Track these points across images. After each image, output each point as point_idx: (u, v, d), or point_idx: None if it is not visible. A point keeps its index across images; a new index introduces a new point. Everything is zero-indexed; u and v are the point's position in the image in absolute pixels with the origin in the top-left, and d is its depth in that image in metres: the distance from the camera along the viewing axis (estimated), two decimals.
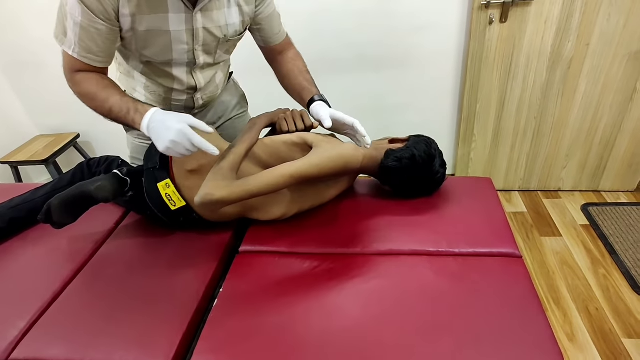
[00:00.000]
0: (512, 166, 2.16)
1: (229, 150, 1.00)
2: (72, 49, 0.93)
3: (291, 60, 1.20)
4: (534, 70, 1.85)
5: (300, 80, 1.16)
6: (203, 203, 0.93)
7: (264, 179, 0.96)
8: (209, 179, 0.95)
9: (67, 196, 1.08)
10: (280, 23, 1.17)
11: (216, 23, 1.03)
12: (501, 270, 0.94)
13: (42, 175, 2.56)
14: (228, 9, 1.03)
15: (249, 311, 0.91)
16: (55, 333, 0.92)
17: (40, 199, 1.24)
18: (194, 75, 1.14)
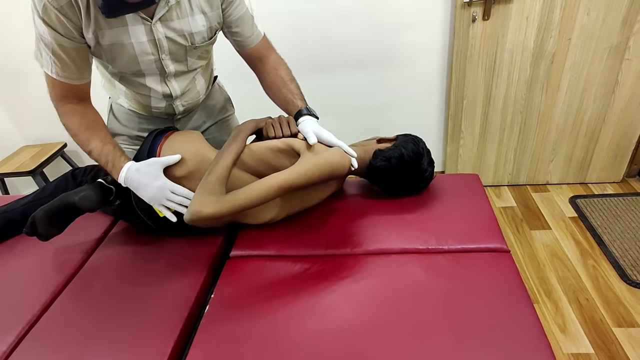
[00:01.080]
0: (500, 161, 2.18)
1: (216, 161, 1.00)
2: (50, 69, 0.95)
3: (273, 70, 1.15)
4: (518, 66, 1.87)
5: (285, 93, 1.13)
6: (192, 220, 0.93)
7: (253, 192, 0.95)
8: (197, 194, 0.95)
9: (51, 208, 1.06)
10: (254, 25, 1.11)
11: (179, 32, 1.01)
12: (490, 265, 0.95)
13: (29, 187, 2.53)
14: (192, 17, 1.00)
15: (241, 316, 0.90)
16: (45, 345, 0.91)
17: (20, 208, 1.23)
18: (167, 84, 1.14)
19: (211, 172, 0.97)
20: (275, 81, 1.14)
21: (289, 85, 1.13)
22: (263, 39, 1.15)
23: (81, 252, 1.17)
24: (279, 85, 1.13)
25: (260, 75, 1.18)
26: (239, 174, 1.05)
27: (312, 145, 1.02)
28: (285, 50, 1.22)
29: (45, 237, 1.08)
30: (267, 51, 1.16)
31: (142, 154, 1.08)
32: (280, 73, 1.14)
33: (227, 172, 0.99)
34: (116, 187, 1.10)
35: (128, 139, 1.27)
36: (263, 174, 1.05)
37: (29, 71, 2.15)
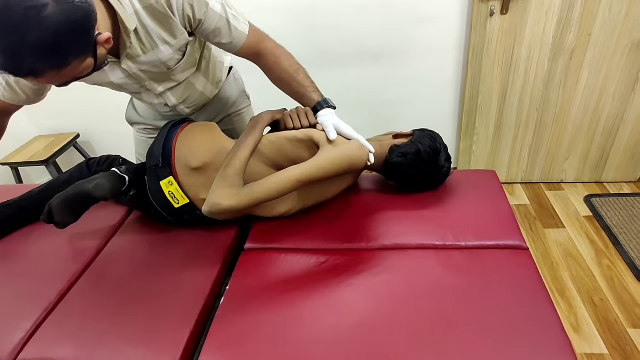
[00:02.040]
0: (514, 158, 2.15)
1: (233, 154, 1.00)
2: None
3: (274, 65, 1.08)
4: (535, 61, 1.84)
5: (295, 87, 1.10)
6: (211, 212, 0.93)
7: (271, 185, 0.94)
8: (215, 186, 0.95)
9: (66, 196, 1.07)
10: (232, 29, 1.01)
11: (150, 64, 1.01)
12: (508, 263, 0.93)
13: (42, 176, 2.56)
14: (157, 49, 0.98)
15: (256, 308, 0.90)
16: (62, 333, 0.92)
17: (34, 197, 1.24)
18: (163, 97, 1.14)
19: (229, 165, 0.97)
20: (281, 76, 1.10)
21: (296, 77, 1.09)
22: (249, 36, 1.05)
23: (97, 241, 1.18)
24: (287, 80, 1.10)
25: (264, 71, 1.13)
26: (256, 165, 1.04)
27: (334, 139, 1.02)
28: (299, 43, 1.19)
29: (62, 225, 1.09)
30: (260, 45, 1.08)
31: (158, 145, 1.08)
32: (282, 67, 1.09)
33: (245, 164, 0.99)
34: (129, 178, 1.10)
35: (146, 128, 1.28)
36: (280, 165, 1.04)
37: None
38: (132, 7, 0.87)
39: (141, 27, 0.91)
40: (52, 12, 0.68)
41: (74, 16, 0.71)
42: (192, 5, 0.92)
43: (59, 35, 0.70)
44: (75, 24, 0.71)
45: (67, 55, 0.74)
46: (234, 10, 1.01)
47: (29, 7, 0.66)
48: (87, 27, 0.74)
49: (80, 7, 0.72)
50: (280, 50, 1.10)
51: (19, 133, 2.42)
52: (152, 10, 0.90)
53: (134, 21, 0.89)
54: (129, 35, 0.90)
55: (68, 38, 0.72)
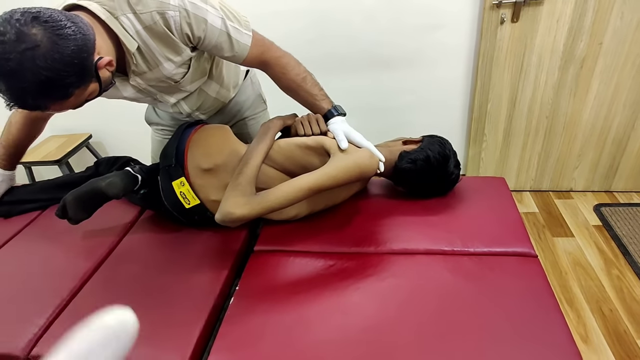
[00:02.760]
0: (523, 166, 2.15)
1: (245, 161, 1.01)
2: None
3: (282, 75, 1.08)
4: (545, 69, 1.84)
5: (304, 96, 1.10)
6: (224, 220, 0.95)
7: (283, 194, 0.95)
8: (228, 195, 0.96)
9: (79, 192, 1.09)
10: (233, 43, 1.00)
11: (157, 80, 1.02)
12: (517, 270, 0.93)
13: (55, 175, 2.60)
14: (161, 66, 0.99)
15: (265, 308, 0.91)
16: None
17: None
18: (177, 106, 1.17)
19: (241, 173, 0.98)
20: (289, 85, 1.10)
21: (304, 86, 1.10)
22: (252, 47, 1.03)
23: (109, 239, 1.20)
24: (294, 89, 1.10)
25: (272, 79, 1.13)
26: (266, 169, 1.06)
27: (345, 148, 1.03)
28: (309, 48, 1.20)
29: (75, 221, 1.11)
30: (265, 55, 1.07)
31: (172, 145, 1.10)
32: (289, 76, 1.09)
33: (257, 172, 1.00)
34: (142, 177, 1.12)
35: (163, 128, 1.30)
36: (290, 170, 1.05)
37: None
38: (133, 28, 0.89)
39: (144, 45, 0.93)
40: (46, 51, 0.70)
41: (68, 50, 0.73)
42: (190, 24, 0.92)
43: (55, 71, 0.72)
44: (69, 57, 0.73)
45: (67, 87, 0.76)
46: (236, 22, 0.99)
47: (24, 50, 0.69)
48: (82, 57, 0.76)
49: (74, 38, 0.74)
50: (286, 59, 1.09)
51: None
52: (152, 30, 0.91)
53: (135, 42, 0.91)
54: (132, 55, 0.92)
55: (64, 72, 0.74)
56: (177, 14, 0.90)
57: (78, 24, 0.76)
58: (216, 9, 0.95)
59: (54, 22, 0.72)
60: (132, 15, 0.87)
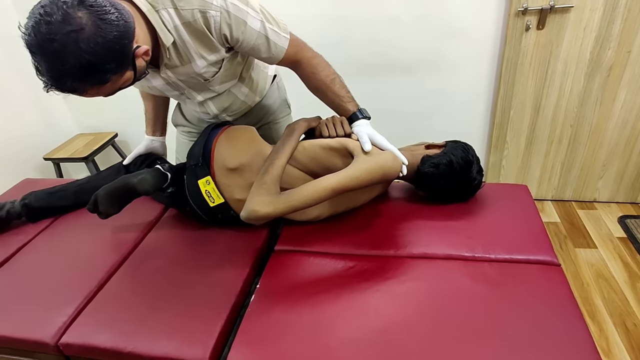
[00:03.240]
0: (545, 175, 2.11)
1: (270, 161, 1.03)
2: None
3: (311, 74, 1.10)
4: (571, 77, 1.81)
5: (331, 97, 1.12)
6: (249, 218, 0.96)
7: (307, 194, 0.97)
8: (253, 193, 0.98)
9: (111, 188, 1.13)
10: (271, 45, 1.02)
11: (188, 75, 1.04)
12: (539, 278, 0.92)
13: (81, 172, 2.68)
14: (193, 62, 1.00)
15: (284, 307, 0.93)
16: (101, 320, 0.97)
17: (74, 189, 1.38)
18: (204, 106, 1.19)
19: (266, 172, 1.00)
20: (318, 85, 1.12)
21: (332, 87, 1.11)
22: (288, 48, 1.05)
23: (134, 235, 1.24)
24: (323, 90, 1.12)
25: (301, 79, 1.15)
26: (290, 170, 1.08)
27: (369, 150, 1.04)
28: (331, 51, 1.19)
29: (105, 215, 1.15)
30: (298, 55, 1.08)
31: (199, 145, 1.13)
32: (319, 77, 1.10)
33: (281, 172, 1.02)
34: (171, 175, 1.16)
35: (190, 131, 1.34)
36: (313, 171, 1.07)
37: None
38: (171, 22, 0.91)
39: (179, 40, 0.95)
40: (90, 34, 0.72)
41: (110, 35, 0.75)
42: (230, 25, 0.93)
43: (97, 56, 0.74)
44: (112, 42, 0.75)
45: (106, 73, 0.78)
46: (275, 25, 1.01)
47: (69, 32, 0.71)
48: (123, 43, 0.78)
49: (117, 24, 0.76)
50: (317, 59, 1.11)
51: (63, 131, 2.56)
52: (190, 27, 0.92)
53: (171, 36, 0.93)
54: (166, 48, 0.94)
55: (105, 57, 0.76)
56: (218, 14, 0.91)
57: (121, 10, 0.78)
58: (256, 11, 0.96)
59: (98, 7, 0.74)
60: (173, 10, 0.90)
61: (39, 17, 0.71)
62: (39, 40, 0.72)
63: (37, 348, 0.97)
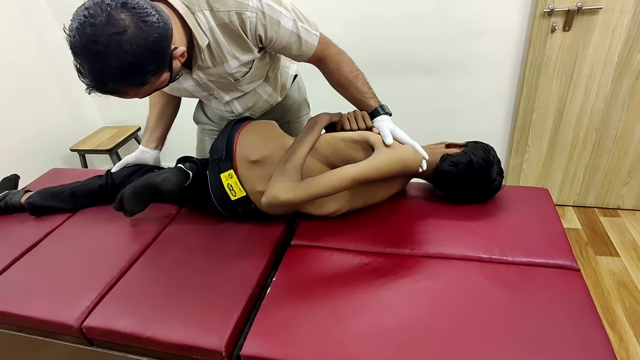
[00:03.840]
0: (567, 180, 2.07)
1: (292, 150, 1.05)
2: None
3: (335, 71, 1.11)
4: (597, 80, 1.77)
5: (353, 93, 1.13)
6: (270, 204, 0.98)
7: (327, 182, 0.98)
8: (275, 180, 1.00)
9: (136, 186, 1.17)
10: (302, 43, 1.04)
11: (219, 76, 1.05)
12: (558, 283, 0.91)
13: (104, 164, 2.76)
14: (226, 63, 1.02)
15: (299, 300, 0.94)
16: (122, 306, 1.00)
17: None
18: (230, 105, 1.20)
19: (288, 160, 1.02)
20: (341, 81, 1.13)
21: (355, 83, 1.12)
22: (317, 45, 1.08)
23: (154, 227, 1.27)
24: (346, 85, 1.13)
25: (324, 75, 1.17)
26: (311, 162, 1.09)
27: (390, 144, 1.05)
28: (354, 52, 1.20)
29: (130, 213, 1.19)
30: (324, 52, 1.10)
31: (222, 139, 1.15)
32: (342, 72, 1.12)
33: (303, 161, 1.04)
34: (193, 173, 1.19)
35: (211, 129, 1.37)
36: (333, 164, 1.09)
37: None
38: (207, 24, 0.93)
39: (214, 42, 0.97)
40: (132, 36, 0.74)
41: (152, 37, 0.76)
42: (265, 25, 0.95)
43: (138, 57, 0.76)
44: (152, 44, 0.77)
45: (146, 74, 0.80)
46: (306, 23, 1.03)
47: (112, 34, 0.72)
48: (163, 45, 0.80)
49: (157, 26, 0.77)
50: (342, 56, 1.12)
51: (88, 123, 2.64)
52: (226, 28, 0.94)
53: (206, 38, 0.94)
54: (201, 50, 0.96)
55: (146, 59, 0.77)
56: (254, 15, 0.93)
57: (160, 12, 0.79)
58: (289, 10, 0.99)
59: (140, 9, 0.75)
60: (209, 12, 0.91)
61: (83, 19, 0.73)
62: (83, 42, 0.73)
63: (61, 330, 1.01)
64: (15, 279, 1.14)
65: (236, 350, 0.89)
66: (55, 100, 2.46)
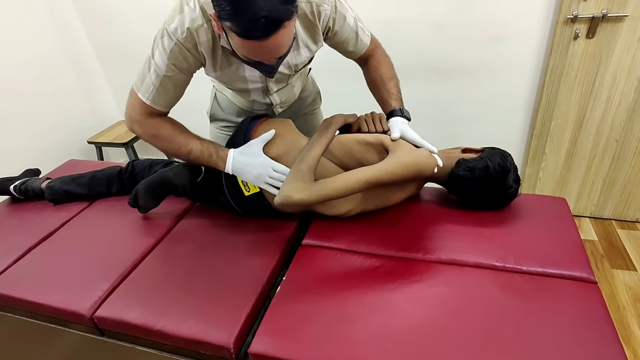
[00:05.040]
0: (584, 190, 2.03)
1: (307, 150, 1.05)
2: (146, 96, 1.01)
3: (374, 69, 1.19)
4: (620, 90, 1.73)
5: (382, 92, 1.18)
6: (283, 203, 0.98)
7: (341, 184, 0.98)
8: (288, 180, 1.01)
9: (150, 181, 1.19)
10: (358, 41, 1.13)
11: (286, 65, 1.08)
12: (573, 295, 0.89)
13: (120, 157, 2.80)
14: (297, 51, 1.06)
15: (309, 300, 0.94)
16: (133, 298, 1.02)
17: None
18: (269, 97, 1.23)
19: (302, 161, 1.02)
20: (375, 80, 1.19)
21: (387, 84, 1.18)
22: (371, 43, 1.17)
23: (167, 221, 1.28)
24: (378, 84, 1.19)
25: (364, 72, 1.23)
26: (325, 163, 1.10)
27: (401, 144, 1.06)
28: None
29: (145, 209, 1.21)
30: (373, 52, 1.19)
31: (238, 137, 1.16)
32: (380, 72, 1.18)
33: (317, 162, 1.04)
34: (205, 168, 1.19)
35: (227, 125, 1.37)
36: (347, 165, 1.09)
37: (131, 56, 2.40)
38: None
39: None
40: None
41: None
42: (335, 19, 1.03)
43: None
44: None
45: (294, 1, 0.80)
46: (361, 23, 1.12)
47: None
48: None
49: None
50: (385, 58, 1.21)
51: (106, 116, 2.68)
52: (305, 18, 0.99)
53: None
54: None
55: None
56: (329, 8, 1.00)
57: None
58: (352, 9, 1.08)
59: None
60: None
61: None
62: None
63: (74, 319, 1.02)
64: (30, 267, 1.16)
65: (244, 348, 0.89)
66: (73, 93, 2.50)
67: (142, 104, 1.02)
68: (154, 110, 1.04)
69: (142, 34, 2.25)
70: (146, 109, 1.03)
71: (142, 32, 2.30)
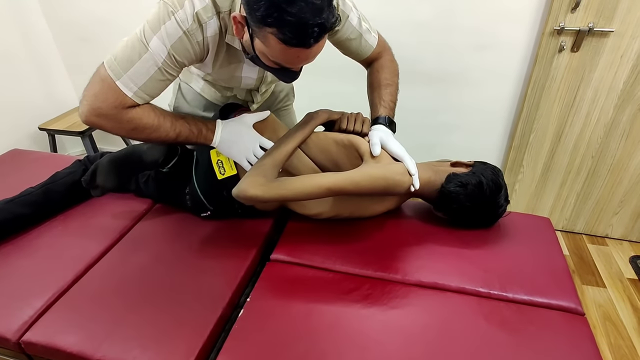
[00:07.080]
0: (558, 204, 2.02)
1: (277, 145, 0.98)
2: (130, 88, 0.85)
3: (375, 72, 1.13)
4: (600, 106, 1.71)
5: (374, 97, 1.12)
6: (238, 196, 0.92)
7: (300, 187, 0.91)
8: (249, 172, 0.94)
9: (117, 155, 1.05)
10: (360, 43, 1.08)
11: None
12: (561, 327, 0.83)
13: (76, 146, 2.58)
14: None
15: (275, 328, 0.83)
16: (71, 318, 0.88)
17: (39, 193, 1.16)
18: (252, 96, 1.17)
19: (269, 155, 0.95)
20: (372, 83, 1.14)
21: (382, 89, 1.12)
22: (377, 46, 1.12)
23: (122, 223, 1.14)
24: (375, 87, 1.13)
25: (367, 70, 1.18)
26: (302, 157, 1.04)
27: (377, 155, 0.98)
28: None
29: (100, 190, 1.05)
30: (378, 54, 1.14)
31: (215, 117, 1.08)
32: (380, 76, 1.13)
33: (285, 158, 0.97)
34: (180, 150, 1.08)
35: None
36: (321, 163, 1.03)
37: (92, 38, 2.20)
38: None
39: None
40: None
41: None
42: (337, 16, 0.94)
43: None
44: None
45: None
46: (367, 23, 1.07)
47: None
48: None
49: None
50: (390, 64, 1.16)
51: (61, 100, 2.45)
52: None
53: None
54: None
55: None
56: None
57: None
58: (356, 9, 1.03)
59: None
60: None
61: None
62: None
63: None
64: None
65: None
66: (27, 73, 2.26)
67: (120, 95, 0.85)
68: (133, 103, 0.87)
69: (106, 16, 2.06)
70: (124, 101, 0.86)
71: (105, 14, 2.12)
